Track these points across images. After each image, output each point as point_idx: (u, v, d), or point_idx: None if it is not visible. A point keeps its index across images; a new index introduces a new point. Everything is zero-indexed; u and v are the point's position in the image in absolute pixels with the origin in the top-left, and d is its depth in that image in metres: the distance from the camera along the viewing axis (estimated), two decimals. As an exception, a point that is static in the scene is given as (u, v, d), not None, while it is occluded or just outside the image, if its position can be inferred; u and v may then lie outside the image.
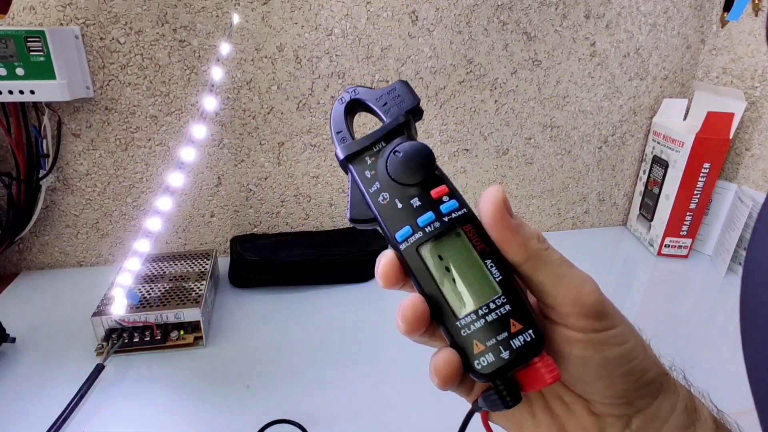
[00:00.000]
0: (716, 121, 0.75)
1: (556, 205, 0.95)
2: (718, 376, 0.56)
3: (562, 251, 0.24)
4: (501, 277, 0.23)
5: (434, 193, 0.25)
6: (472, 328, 0.23)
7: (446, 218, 0.24)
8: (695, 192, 0.81)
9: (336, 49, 0.74)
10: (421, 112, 0.28)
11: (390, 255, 0.24)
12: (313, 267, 0.73)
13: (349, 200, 0.26)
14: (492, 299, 0.23)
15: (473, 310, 0.23)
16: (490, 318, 0.22)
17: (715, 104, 0.81)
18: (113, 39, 0.66)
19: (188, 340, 0.59)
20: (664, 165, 0.84)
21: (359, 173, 0.26)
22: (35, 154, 0.68)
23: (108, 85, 0.68)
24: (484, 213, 0.23)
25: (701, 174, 0.79)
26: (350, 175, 0.27)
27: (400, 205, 0.25)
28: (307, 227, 0.85)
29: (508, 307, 0.23)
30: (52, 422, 0.47)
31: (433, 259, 0.24)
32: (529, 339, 0.22)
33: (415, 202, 0.25)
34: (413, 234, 0.24)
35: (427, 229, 0.24)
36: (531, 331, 0.22)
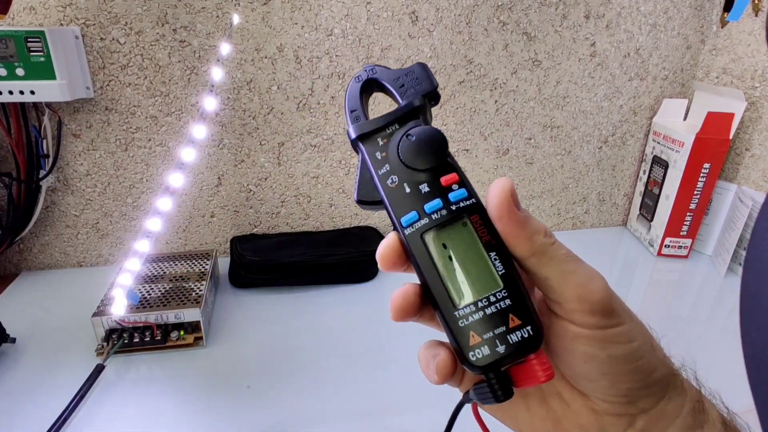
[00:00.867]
0: (716, 122, 0.75)
1: (556, 206, 0.95)
2: (717, 377, 0.55)
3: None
4: (504, 271, 0.23)
5: (444, 180, 0.24)
6: (470, 319, 0.22)
7: (454, 207, 0.23)
8: (695, 192, 0.81)
9: (336, 50, 0.74)
10: (438, 97, 0.27)
11: (393, 238, 0.24)
12: (313, 267, 0.73)
13: (356, 181, 0.26)
14: (493, 292, 0.22)
15: (473, 302, 0.22)
16: (489, 311, 0.22)
17: (715, 104, 0.81)
18: (113, 39, 0.66)
19: (188, 341, 0.59)
20: (664, 165, 0.84)
21: (370, 154, 0.26)
22: (35, 155, 0.68)
23: (108, 85, 0.68)
24: (491, 205, 0.23)
25: (701, 174, 0.79)
26: (360, 156, 0.26)
27: (408, 190, 0.24)
28: (307, 227, 0.85)
29: (508, 301, 0.22)
30: (52, 422, 0.47)
31: (436, 246, 0.23)
32: (526, 335, 0.22)
33: (424, 187, 0.24)
34: (419, 220, 0.24)
35: (434, 216, 0.23)
36: (529, 327, 0.22)
